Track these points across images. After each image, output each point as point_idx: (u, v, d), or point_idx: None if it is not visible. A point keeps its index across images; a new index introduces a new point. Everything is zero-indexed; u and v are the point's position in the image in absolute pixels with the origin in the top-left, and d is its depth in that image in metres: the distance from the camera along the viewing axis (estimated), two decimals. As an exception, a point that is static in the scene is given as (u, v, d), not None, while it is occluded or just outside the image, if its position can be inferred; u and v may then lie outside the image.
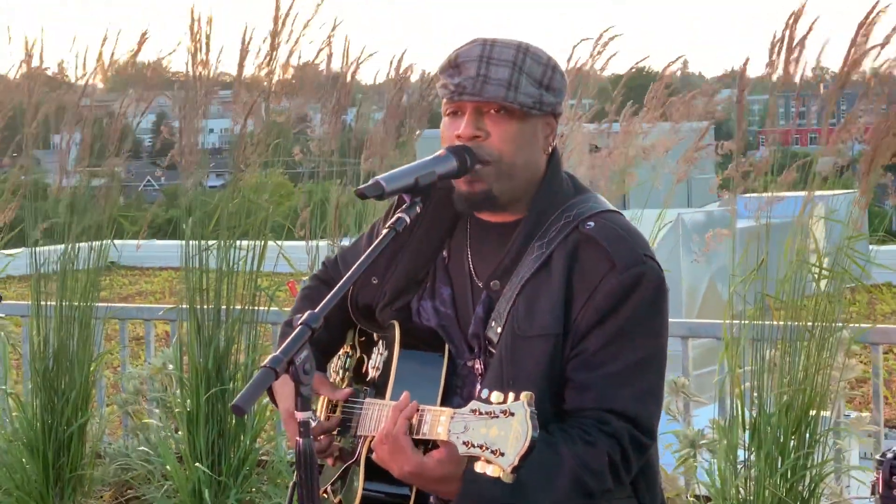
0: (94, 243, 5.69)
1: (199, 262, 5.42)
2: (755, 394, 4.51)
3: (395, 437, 2.41)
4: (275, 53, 5.48)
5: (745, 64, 4.72)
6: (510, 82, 2.54)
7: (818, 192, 4.73)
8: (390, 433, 2.41)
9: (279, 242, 5.62)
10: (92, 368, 5.62)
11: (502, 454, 2.10)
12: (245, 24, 5.52)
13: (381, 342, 2.75)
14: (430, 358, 2.65)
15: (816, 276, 4.56)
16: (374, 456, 2.49)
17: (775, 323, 4.57)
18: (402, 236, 2.61)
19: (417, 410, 2.43)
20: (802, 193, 4.74)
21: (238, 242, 5.49)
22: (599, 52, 5.35)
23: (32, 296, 5.62)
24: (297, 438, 2.27)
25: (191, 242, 5.46)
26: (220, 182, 5.87)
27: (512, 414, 2.12)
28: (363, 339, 2.83)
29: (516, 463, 2.10)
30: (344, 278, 2.42)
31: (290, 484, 2.37)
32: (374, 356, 2.75)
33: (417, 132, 5.78)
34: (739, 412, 4.52)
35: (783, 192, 4.72)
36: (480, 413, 2.16)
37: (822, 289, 4.56)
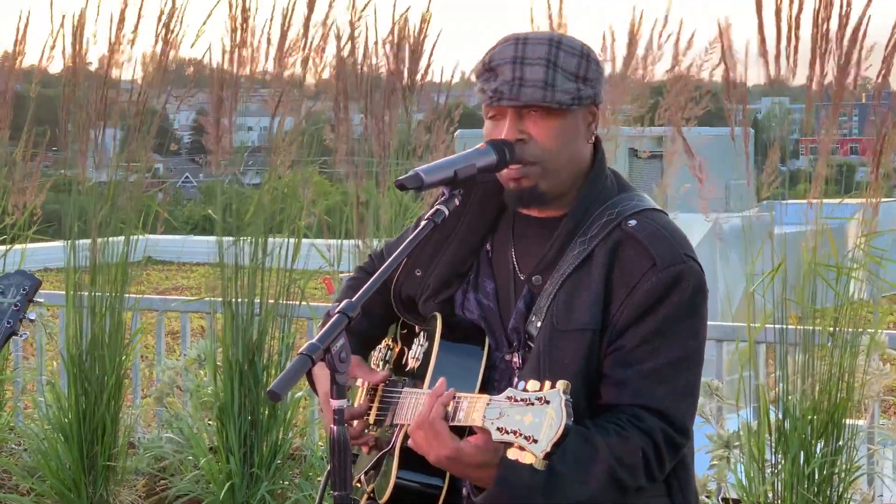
0: (123, 237, 5.73)
1: (234, 257, 5.44)
2: (781, 397, 4.50)
3: (432, 423, 2.41)
4: (311, 51, 5.48)
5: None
6: (546, 81, 2.53)
7: (859, 200, 4.70)
8: (426, 419, 2.41)
9: (313, 240, 5.63)
10: (123, 359, 5.65)
11: (535, 441, 2.11)
12: (282, 19, 5.52)
13: (422, 334, 2.76)
14: (470, 350, 2.66)
15: (835, 279, 4.53)
16: (409, 442, 2.49)
17: (795, 327, 4.56)
18: (445, 229, 2.63)
19: (454, 398, 2.43)
20: (845, 200, 4.72)
21: (271, 238, 5.49)
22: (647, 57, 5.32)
23: (67, 286, 5.67)
24: (332, 426, 2.29)
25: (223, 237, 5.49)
26: (259, 181, 5.90)
27: (547, 402, 2.13)
28: (405, 331, 2.84)
29: (549, 450, 2.10)
30: (381, 269, 2.44)
31: (325, 472, 2.39)
32: (414, 347, 2.76)
33: (457, 132, 5.78)
34: (764, 415, 4.51)
35: (823, 200, 4.69)
36: (516, 400, 2.17)
37: (845, 294, 4.54)
